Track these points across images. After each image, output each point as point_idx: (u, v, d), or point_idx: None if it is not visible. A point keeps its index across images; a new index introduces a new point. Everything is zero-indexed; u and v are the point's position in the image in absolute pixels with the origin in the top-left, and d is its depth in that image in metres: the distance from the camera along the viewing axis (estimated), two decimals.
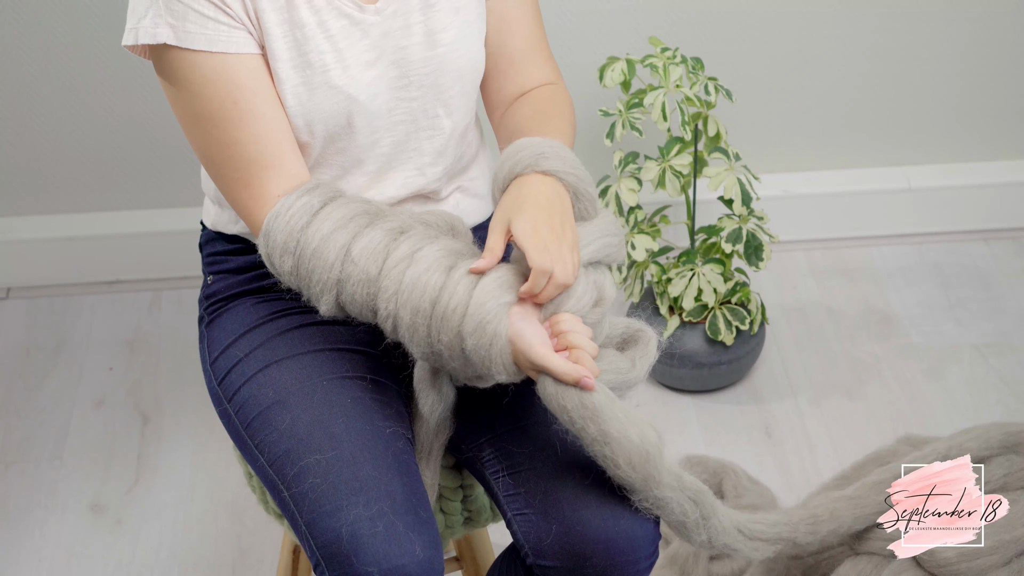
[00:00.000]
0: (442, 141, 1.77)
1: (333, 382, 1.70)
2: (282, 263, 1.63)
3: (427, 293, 1.57)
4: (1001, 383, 2.66)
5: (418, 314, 1.57)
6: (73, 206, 2.91)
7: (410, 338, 1.60)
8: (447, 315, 1.56)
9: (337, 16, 1.67)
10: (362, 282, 1.60)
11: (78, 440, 2.59)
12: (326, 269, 1.61)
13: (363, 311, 1.62)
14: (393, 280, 1.59)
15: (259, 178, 1.65)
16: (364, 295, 1.60)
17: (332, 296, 1.62)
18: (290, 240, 1.62)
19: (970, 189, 2.97)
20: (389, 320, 1.60)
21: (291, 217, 1.62)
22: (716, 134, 2.52)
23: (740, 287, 2.57)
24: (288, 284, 1.66)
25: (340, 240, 1.61)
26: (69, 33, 2.72)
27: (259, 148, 1.65)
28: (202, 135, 1.66)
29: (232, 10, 1.63)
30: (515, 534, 1.68)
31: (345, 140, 1.72)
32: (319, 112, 1.68)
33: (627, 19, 2.76)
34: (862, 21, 2.81)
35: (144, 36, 1.63)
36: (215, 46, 1.63)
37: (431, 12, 1.71)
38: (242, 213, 1.68)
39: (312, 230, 1.62)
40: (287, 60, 1.66)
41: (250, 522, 2.43)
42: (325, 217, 1.62)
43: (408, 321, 1.58)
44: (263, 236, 1.64)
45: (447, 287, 1.57)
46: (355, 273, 1.60)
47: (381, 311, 1.60)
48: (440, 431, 1.74)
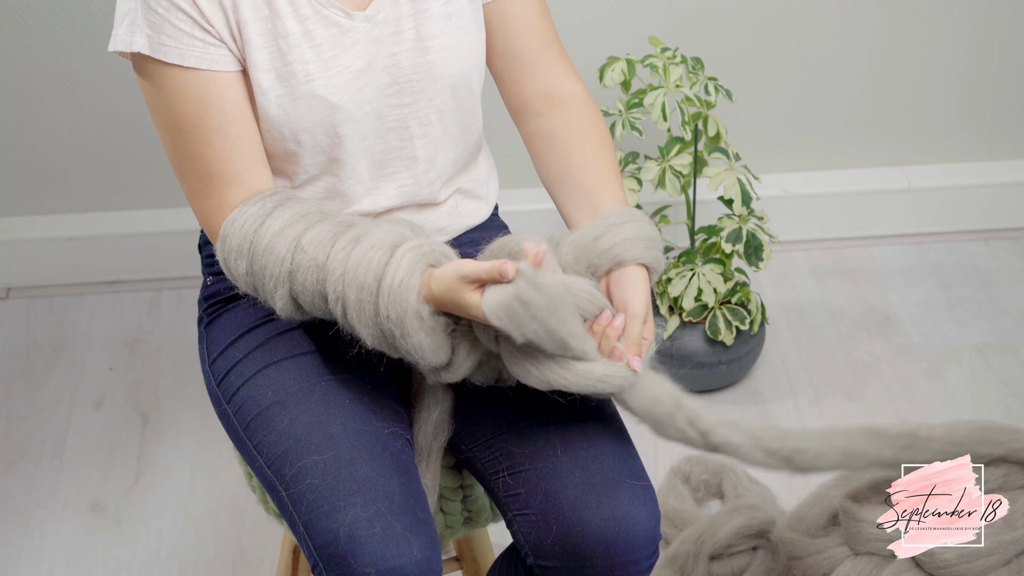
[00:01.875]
0: (435, 147, 1.76)
1: (331, 383, 1.70)
2: (237, 266, 1.64)
3: (371, 269, 1.56)
4: (1001, 383, 2.66)
5: (363, 291, 1.56)
6: (73, 206, 2.91)
7: (358, 319, 1.58)
8: (393, 290, 1.55)
9: (325, 25, 1.67)
10: (311, 268, 1.60)
11: (78, 440, 2.59)
12: (277, 263, 1.61)
13: (315, 300, 1.61)
14: (339, 261, 1.58)
15: (219, 191, 1.66)
16: (314, 281, 1.60)
17: (286, 290, 1.62)
18: (244, 242, 1.63)
19: (970, 189, 2.97)
20: (339, 304, 1.59)
21: (245, 220, 1.63)
22: (716, 134, 2.52)
23: (740, 287, 2.57)
24: (244, 288, 1.66)
25: (291, 234, 1.61)
26: (69, 33, 2.72)
27: (221, 165, 1.66)
28: (169, 142, 1.67)
29: (212, 27, 1.63)
30: (515, 534, 1.68)
31: (336, 149, 1.71)
32: (304, 121, 1.68)
33: (627, 19, 2.76)
34: (862, 21, 2.81)
35: (120, 43, 1.64)
36: (187, 61, 1.63)
37: (422, 19, 1.70)
38: (203, 222, 1.70)
39: (264, 228, 1.62)
40: (270, 70, 1.66)
41: (250, 522, 2.43)
42: (277, 216, 1.63)
43: (354, 299, 1.57)
44: (220, 242, 1.65)
45: (391, 263, 1.56)
46: (304, 261, 1.60)
47: (330, 295, 1.59)
48: (439, 433, 1.73)
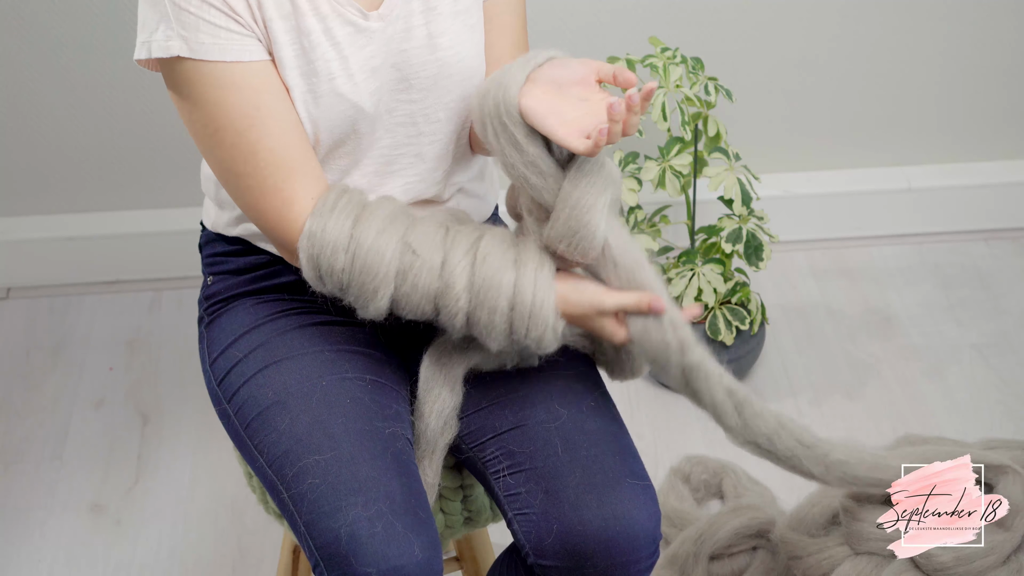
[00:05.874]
0: (443, 145, 1.76)
1: (332, 383, 1.70)
2: (333, 261, 1.62)
3: (503, 291, 1.60)
4: (1001, 383, 2.66)
5: (496, 313, 1.61)
6: (73, 206, 2.91)
7: (487, 333, 1.63)
8: (535, 312, 1.61)
9: (342, 24, 1.67)
10: (428, 270, 1.61)
11: (78, 440, 2.59)
12: (384, 263, 1.61)
13: (422, 303, 1.63)
14: (461, 273, 1.61)
15: (288, 182, 1.64)
16: (426, 286, 1.62)
17: (388, 291, 1.62)
18: (342, 236, 1.62)
19: (970, 189, 2.97)
20: (460, 314, 1.62)
21: (338, 216, 1.62)
22: (716, 134, 2.52)
23: (740, 287, 2.57)
24: (330, 287, 1.65)
25: (396, 233, 1.62)
26: (69, 34, 2.72)
27: (288, 153, 1.64)
28: (222, 146, 1.63)
29: (242, 18, 1.62)
30: (516, 534, 1.68)
31: (349, 145, 1.71)
32: (326, 120, 1.67)
33: (627, 19, 2.76)
34: (862, 21, 2.81)
35: (157, 50, 1.61)
36: (228, 55, 1.61)
37: (432, 16, 1.71)
38: (269, 221, 1.66)
39: (364, 225, 1.62)
40: (295, 68, 1.66)
41: (250, 522, 2.43)
42: (371, 213, 1.63)
43: (486, 320, 1.61)
44: (306, 238, 1.63)
45: (522, 282, 1.61)
46: (416, 264, 1.61)
47: (451, 305, 1.61)
48: (445, 431, 1.74)
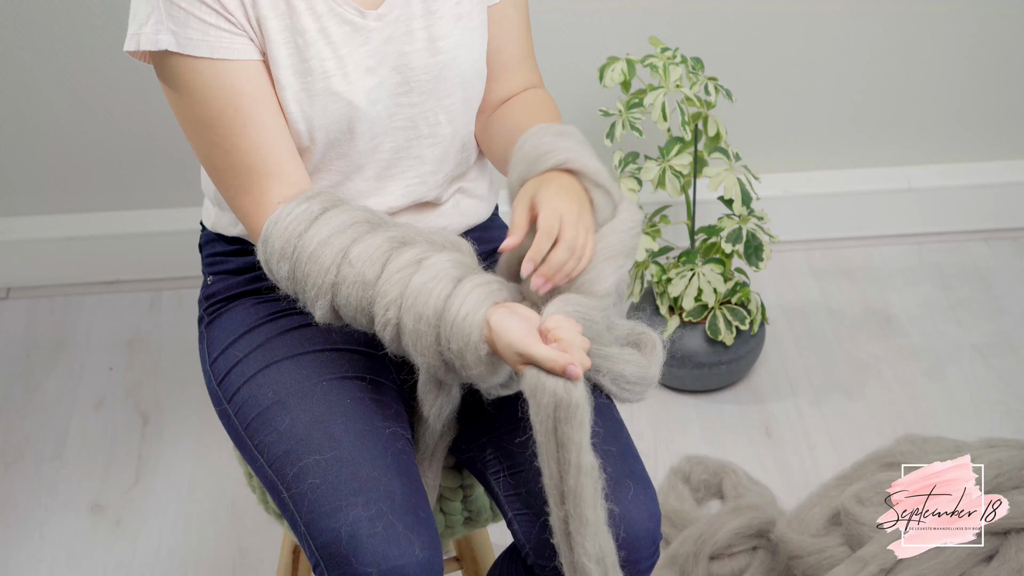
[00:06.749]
0: (443, 148, 1.76)
1: (333, 382, 1.70)
2: (279, 268, 1.63)
3: (431, 301, 1.55)
4: (1001, 383, 2.66)
5: (421, 320, 1.55)
6: (73, 206, 2.91)
7: (414, 346, 1.57)
8: (456, 324, 1.54)
9: (339, 23, 1.67)
10: (357, 284, 1.58)
11: (78, 440, 2.59)
12: (321, 273, 1.60)
13: (357, 316, 1.61)
14: (395, 284, 1.57)
15: (260, 185, 1.65)
16: (358, 298, 1.59)
17: (327, 300, 1.61)
18: (287, 246, 1.61)
19: (970, 189, 2.97)
20: (389, 327, 1.58)
21: (290, 223, 1.62)
22: (716, 134, 2.52)
23: (740, 287, 2.57)
24: (285, 290, 1.66)
25: (338, 244, 1.60)
26: (69, 33, 2.72)
27: (260, 156, 1.64)
28: (204, 141, 1.65)
29: (234, 16, 1.63)
30: (516, 534, 1.68)
31: (346, 146, 1.71)
32: (320, 118, 1.68)
33: (627, 19, 2.76)
34: (862, 21, 2.81)
35: (146, 43, 1.62)
36: (216, 52, 1.62)
37: (433, 19, 1.71)
38: (243, 219, 1.68)
39: (310, 234, 1.61)
40: (289, 66, 1.66)
41: (250, 522, 2.43)
42: (324, 222, 1.61)
43: (412, 327, 1.56)
44: (261, 242, 1.64)
45: (455, 296, 1.55)
46: (351, 275, 1.59)
47: (379, 316, 1.58)
48: (445, 433, 1.74)
